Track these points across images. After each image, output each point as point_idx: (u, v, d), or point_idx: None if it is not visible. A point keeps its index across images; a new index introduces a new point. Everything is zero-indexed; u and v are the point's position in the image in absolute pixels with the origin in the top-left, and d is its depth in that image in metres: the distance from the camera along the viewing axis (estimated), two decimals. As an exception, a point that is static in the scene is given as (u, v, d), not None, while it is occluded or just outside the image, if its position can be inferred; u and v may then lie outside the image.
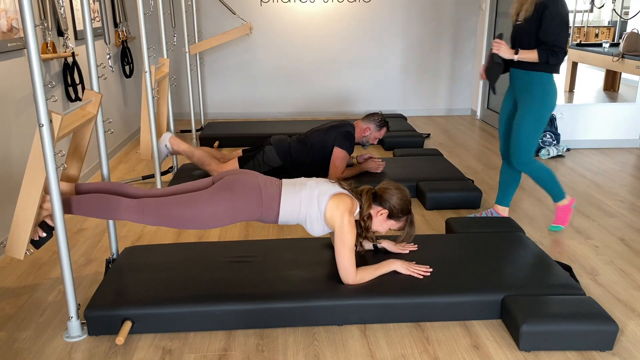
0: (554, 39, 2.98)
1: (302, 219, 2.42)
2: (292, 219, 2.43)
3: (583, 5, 5.31)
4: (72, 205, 2.29)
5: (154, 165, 3.85)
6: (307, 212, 2.39)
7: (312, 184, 2.44)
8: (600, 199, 3.87)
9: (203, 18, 6.33)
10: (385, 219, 2.44)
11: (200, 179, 2.58)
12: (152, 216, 2.30)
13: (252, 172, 2.53)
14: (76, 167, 2.53)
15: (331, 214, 2.35)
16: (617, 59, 5.25)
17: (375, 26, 6.51)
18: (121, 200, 2.31)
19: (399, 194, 2.41)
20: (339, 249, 2.34)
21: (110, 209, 2.30)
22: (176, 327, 2.29)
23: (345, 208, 2.34)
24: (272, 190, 2.41)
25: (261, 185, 2.41)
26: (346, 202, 2.36)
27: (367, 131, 4.00)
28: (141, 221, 2.31)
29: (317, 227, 2.41)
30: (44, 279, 2.77)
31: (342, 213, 2.33)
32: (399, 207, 2.41)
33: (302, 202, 2.39)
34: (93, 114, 2.44)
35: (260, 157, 3.93)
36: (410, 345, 2.22)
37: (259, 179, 2.44)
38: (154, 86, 3.79)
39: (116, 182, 2.53)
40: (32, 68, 1.95)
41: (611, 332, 2.13)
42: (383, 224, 2.46)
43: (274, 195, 2.40)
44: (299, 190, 2.41)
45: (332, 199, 2.36)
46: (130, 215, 2.30)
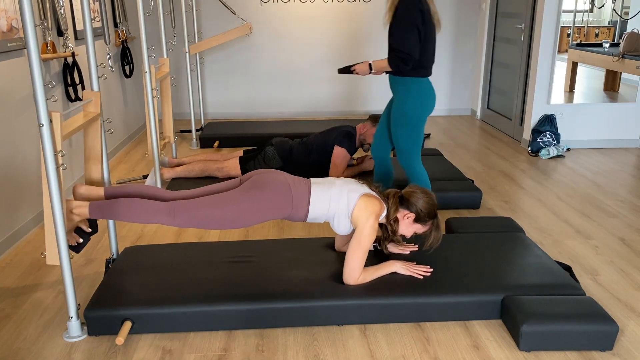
0: (399, 43, 2.90)
1: (331, 216, 2.42)
2: (320, 215, 2.43)
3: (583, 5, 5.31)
4: (103, 209, 2.29)
5: (153, 166, 3.84)
6: (336, 209, 2.39)
7: (341, 183, 2.45)
8: (600, 199, 3.87)
9: (203, 18, 6.33)
10: (412, 222, 2.44)
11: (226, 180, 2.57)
12: (183, 218, 2.30)
13: (280, 171, 2.53)
14: (96, 170, 2.53)
15: (358, 213, 2.35)
16: (617, 59, 5.24)
17: (376, 26, 6.51)
18: (152, 204, 2.31)
19: (425, 197, 2.41)
20: (354, 249, 2.34)
21: (142, 213, 2.30)
22: (176, 327, 2.29)
23: (373, 210, 2.34)
24: (302, 188, 2.41)
25: (290, 184, 2.41)
26: (375, 204, 2.36)
27: (363, 128, 3.99)
28: (172, 223, 2.31)
29: (343, 224, 2.41)
30: (44, 279, 2.77)
31: (368, 215, 2.33)
32: (425, 211, 2.40)
33: (332, 199, 2.39)
34: (96, 113, 2.44)
35: (261, 157, 3.94)
36: (410, 345, 2.22)
37: (287, 178, 2.45)
38: (154, 86, 3.79)
39: (146, 185, 2.53)
40: (32, 68, 1.95)
41: (611, 332, 2.13)
42: (409, 228, 2.46)
43: (304, 194, 2.40)
44: (328, 188, 2.41)
45: (362, 198, 2.36)
46: (161, 218, 2.30)
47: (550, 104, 5.12)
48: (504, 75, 5.93)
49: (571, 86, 5.49)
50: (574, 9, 5.27)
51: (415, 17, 2.87)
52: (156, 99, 3.82)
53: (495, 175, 4.42)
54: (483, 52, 6.38)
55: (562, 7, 4.87)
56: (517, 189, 4.09)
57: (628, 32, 5.20)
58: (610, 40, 5.40)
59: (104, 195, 2.42)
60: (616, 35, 5.36)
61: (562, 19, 4.91)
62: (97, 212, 2.30)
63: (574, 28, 5.29)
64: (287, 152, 3.95)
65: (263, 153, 3.95)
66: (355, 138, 3.95)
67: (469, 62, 6.68)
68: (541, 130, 5.00)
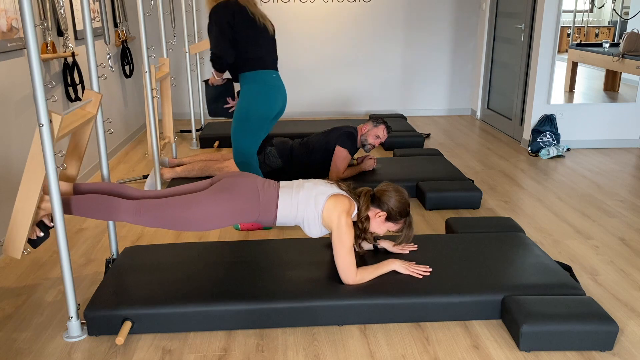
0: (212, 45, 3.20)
1: (300, 221, 2.42)
2: (289, 220, 2.43)
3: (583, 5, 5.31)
4: (70, 205, 2.28)
5: (153, 166, 3.84)
6: (304, 214, 2.39)
7: (309, 185, 2.44)
8: (600, 199, 3.87)
9: (203, 18, 6.33)
10: (384, 221, 2.44)
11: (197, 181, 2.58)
12: (149, 217, 2.30)
13: (250, 174, 2.52)
14: (75, 166, 2.53)
15: (328, 215, 2.35)
16: (617, 59, 5.24)
17: (375, 26, 6.51)
18: (119, 201, 2.30)
19: (397, 196, 2.41)
20: (337, 250, 2.34)
21: (108, 210, 2.29)
22: (176, 327, 2.29)
23: (343, 209, 2.34)
24: (270, 192, 2.41)
25: (259, 187, 2.41)
26: (344, 202, 2.35)
27: (365, 128, 3.99)
28: (138, 222, 2.31)
29: (314, 228, 2.41)
30: (44, 279, 2.77)
31: (339, 214, 2.32)
32: (397, 210, 2.40)
33: (300, 203, 2.39)
34: (93, 114, 2.44)
35: (261, 158, 3.94)
36: (410, 345, 2.22)
37: (257, 181, 2.44)
38: (154, 86, 3.79)
39: (114, 182, 2.52)
40: (32, 68, 1.95)
41: (611, 332, 2.13)
42: (381, 226, 2.46)
43: (272, 197, 2.40)
44: (296, 192, 2.41)
45: (330, 199, 2.36)
46: (127, 216, 2.29)
47: (550, 104, 5.12)
48: (504, 75, 5.93)
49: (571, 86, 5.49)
50: (574, 9, 5.27)
51: (223, 22, 3.13)
52: (156, 99, 3.82)
53: (495, 175, 4.42)
54: (483, 52, 6.38)
55: (562, 7, 4.87)
56: (517, 189, 4.09)
57: (628, 32, 5.20)
58: (610, 40, 5.40)
59: (74, 191, 2.41)
60: (616, 35, 5.36)
61: (562, 19, 4.91)
62: (65, 208, 2.27)
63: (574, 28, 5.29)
64: (288, 153, 3.95)
65: (263, 153, 3.95)
66: (356, 138, 3.95)
67: (469, 62, 6.68)
68: (541, 130, 5.00)
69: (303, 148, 3.97)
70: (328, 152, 3.90)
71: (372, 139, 3.99)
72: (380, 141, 4.02)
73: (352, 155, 3.95)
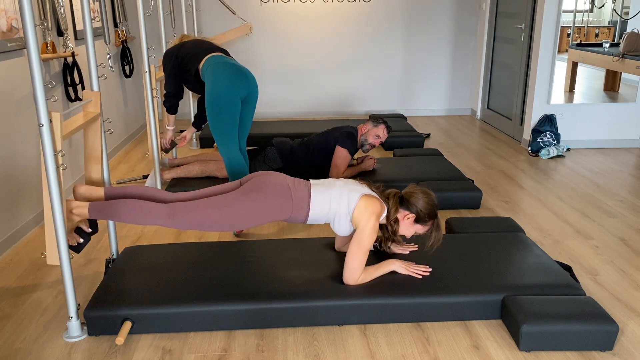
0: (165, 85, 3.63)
1: (331, 217, 2.41)
2: (321, 217, 2.42)
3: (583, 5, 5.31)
4: (103, 210, 2.29)
5: (153, 165, 3.85)
6: (336, 210, 2.39)
7: (341, 184, 2.44)
8: (600, 199, 3.87)
9: (203, 18, 6.33)
10: (412, 223, 2.43)
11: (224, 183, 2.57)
12: (183, 220, 2.30)
13: (280, 173, 2.52)
14: (96, 170, 2.53)
15: (359, 214, 2.34)
16: (617, 59, 5.24)
17: (375, 26, 6.51)
18: (151, 205, 2.30)
19: (425, 198, 2.40)
20: (354, 249, 2.34)
21: (141, 214, 2.29)
22: (176, 327, 2.29)
23: (374, 210, 2.34)
24: (302, 190, 2.41)
25: (290, 186, 2.40)
26: (375, 205, 2.35)
27: (365, 128, 3.99)
28: (172, 225, 2.31)
29: (344, 225, 2.41)
30: (44, 279, 2.77)
31: (369, 215, 2.32)
32: (426, 212, 2.40)
33: (332, 200, 2.38)
34: (96, 113, 2.44)
35: (262, 157, 3.94)
36: (410, 345, 2.22)
37: (287, 180, 2.44)
38: (154, 86, 3.79)
39: (146, 186, 2.52)
40: (32, 68, 1.95)
41: (611, 332, 2.13)
42: (410, 228, 2.45)
43: (304, 195, 2.39)
44: (328, 189, 2.41)
45: (363, 198, 2.36)
46: (161, 220, 2.29)
47: (550, 104, 5.12)
48: (504, 75, 5.93)
49: (571, 86, 5.49)
50: (574, 9, 5.27)
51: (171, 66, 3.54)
52: (156, 99, 3.82)
53: (495, 175, 4.42)
54: (483, 52, 6.38)
55: (562, 7, 4.87)
56: (517, 189, 4.09)
57: (628, 32, 5.19)
58: (610, 40, 5.40)
59: (104, 195, 2.42)
60: (616, 35, 5.36)
61: (562, 19, 4.91)
62: (96, 213, 2.29)
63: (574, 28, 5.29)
64: (288, 153, 3.94)
65: (264, 154, 3.95)
66: (356, 138, 3.94)
67: (469, 62, 6.68)
68: (541, 130, 5.00)
69: (303, 148, 3.96)
70: (328, 152, 3.90)
71: (372, 139, 3.98)
72: (380, 141, 4.01)
73: (352, 155, 3.95)
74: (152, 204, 2.31)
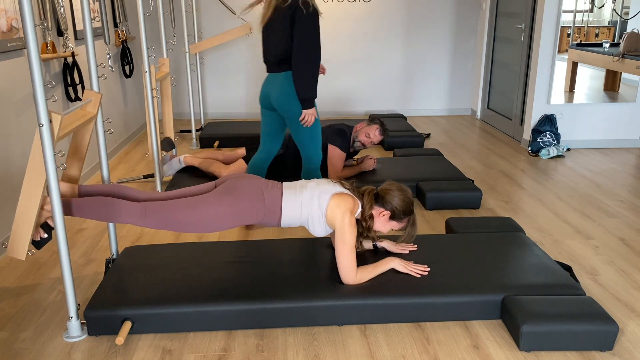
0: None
1: (305, 220, 2.42)
2: (294, 221, 2.43)
3: (583, 5, 5.31)
4: (74, 207, 2.28)
5: (154, 165, 3.85)
6: (308, 213, 2.39)
7: (312, 185, 2.44)
8: (600, 199, 3.87)
9: (203, 18, 6.33)
10: (388, 220, 2.44)
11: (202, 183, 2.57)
12: (154, 219, 2.30)
13: (254, 175, 2.52)
14: (77, 167, 2.53)
15: (332, 213, 2.35)
16: (617, 59, 5.24)
17: (375, 26, 6.51)
18: (123, 204, 2.30)
19: (401, 195, 2.41)
20: (339, 249, 2.34)
21: (113, 212, 2.29)
22: (176, 327, 2.29)
23: (346, 207, 2.34)
24: (274, 194, 2.41)
25: (263, 189, 2.40)
26: (347, 201, 2.35)
27: (359, 126, 3.99)
28: (143, 224, 2.31)
29: (318, 227, 2.41)
30: (44, 279, 2.77)
31: (343, 212, 2.32)
32: (401, 209, 2.40)
33: (304, 203, 2.39)
34: (93, 114, 2.44)
35: None
36: (410, 345, 2.22)
37: (260, 183, 2.44)
38: (154, 86, 3.79)
39: (118, 184, 2.52)
40: (32, 68, 1.94)
41: (611, 332, 2.13)
42: (385, 225, 2.46)
43: (276, 198, 2.39)
44: (299, 192, 2.41)
45: (333, 198, 2.36)
46: (132, 218, 2.29)
47: (550, 104, 5.12)
48: (504, 75, 5.93)
49: (571, 86, 5.49)
50: (574, 9, 5.27)
51: None
52: (156, 99, 3.83)
53: (495, 175, 4.42)
54: (483, 52, 6.37)
55: (562, 7, 4.87)
56: (517, 189, 4.09)
57: (628, 32, 5.19)
58: (610, 40, 5.40)
59: (78, 193, 2.41)
60: (616, 35, 5.36)
61: (562, 19, 4.91)
62: (68, 210, 2.28)
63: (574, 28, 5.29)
64: (286, 141, 3.97)
65: None
66: (347, 135, 3.93)
67: (468, 62, 6.68)
68: (541, 130, 5.00)
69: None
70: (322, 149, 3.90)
71: (363, 137, 3.94)
72: (370, 141, 3.96)
73: (346, 152, 3.93)
74: (124, 202, 2.31)
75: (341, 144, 3.86)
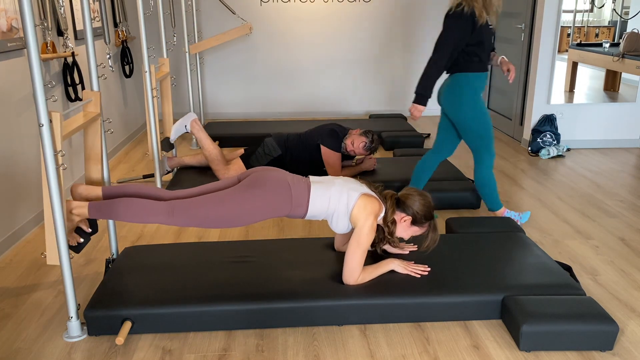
0: None
1: (330, 214, 2.41)
2: (320, 213, 2.42)
3: (583, 5, 5.31)
4: (102, 209, 2.29)
5: (154, 165, 3.85)
6: (335, 208, 2.38)
7: (341, 182, 2.44)
8: (600, 199, 3.87)
9: (203, 18, 6.33)
10: (409, 225, 2.43)
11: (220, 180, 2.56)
12: (182, 217, 2.29)
13: (279, 169, 2.52)
14: (96, 169, 2.53)
15: (357, 213, 2.34)
16: (618, 59, 5.24)
17: (375, 26, 6.51)
18: (151, 203, 2.30)
19: (421, 200, 2.41)
20: (353, 249, 2.34)
21: (141, 212, 2.29)
22: (176, 327, 2.29)
23: (372, 210, 2.34)
24: (301, 187, 2.40)
25: (290, 182, 2.40)
26: (374, 204, 2.35)
27: (355, 131, 3.99)
28: (172, 223, 2.30)
29: (342, 223, 2.41)
30: (44, 279, 2.77)
31: (367, 214, 2.32)
32: (422, 213, 2.40)
33: (332, 198, 2.38)
34: (96, 113, 2.44)
35: (261, 149, 3.96)
36: (410, 345, 2.22)
37: (287, 176, 2.44)
38: (154, 86, 3.79)
39: (143, 184, 2.52)
40: (32, 68, 1.94)
41: (611, 332, 2.13)
42: (407, 230, 2.46)
43: (304, 192, 2.39)
44: (328, 187, 2.41)
45: (362, 197, 2.36)
46: (160, 217, 2.29)
47: (550, 103, 5.12)
48: (504, 75, 5.90)
49: (571, 86, 5.49)
50: (574, 9, 5.27)
51: None
52: (156, 98, 3.82)
53: (495, 175, 4.41)
54: (483, 52, 6.36)
55: (562, 7, 4.87)
56: (517, 189, 4.09)
57: (628, 32, 5.19)
58: (611, 40, 5.40)
59: (102, 195, 2.42)
60: (616, 35, 5.36)
61: (562, 18, 4.91)
62: (96, 212, 2.29)
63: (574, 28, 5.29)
64: (284, 140, 3.99)
65: (262, 145, 3.97)
66: (339, 136, 3.94)
67: (469, 62, 6.66)
68: (541, 130, 5.00)
69: (296, 140, 4.00)
70: (313, 149, 3.91)
71: (348, 143, 3.95)
72: (352, 149, 3.94)
73: (338, 152, 3.93)
74: (150, 202, 2.31)
75: (331, 144, 3.87)
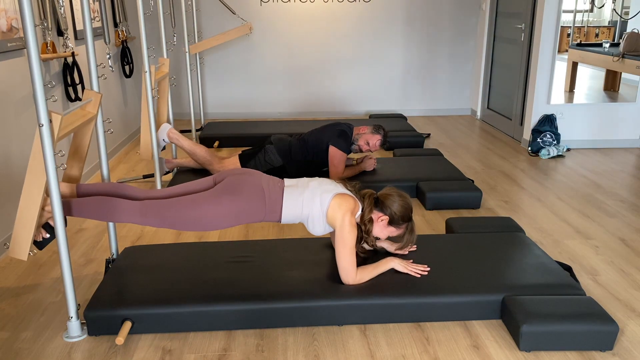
0: None
1: (305, 218, 2.42)
2: (294, 218, 2.43)
3: (583, 5, 5.31)
4: (73, 207, 2.28)
5: (154, 165, 3.85)
6: (309, 212, 2.38)
7: (314, 184, 2.44)
8: (600, 199, 3.87)
9: (203, 18, 6.33)
10: (386, 225, 2.43)
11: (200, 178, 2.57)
12: (154, 218, 2.29)
13: (255, 172, 2.51)
14: (77, 167, 2.53)
15: (333, 213, 2.34)
16: (618, 59, 5.24)
17: (375, 26, 6.51)
18: (123, 203, 2.29)
19: (400, 200, 2.41)
20: (339, 249, 2.34)
21: (112, 212, 2.29)
22: (176, 327, 2.29)
23: (347, 208, 2.34)
24: (275, 192, 2.40)
25: (264, 187, 2.39)
26: (349, 202, 2.35)
27: (362, 130, 3.97)
28: (143, 223, 2.30)
29: (318, 226, 2.41)
30: (44, 279, 2.77)
31: (343, 213, 2.32)
32: (399, 214, 2.40)
33: (305, 202, 2.38)
34: (93, 114, 2.44)
35: (262, 156, 3.93)
36: (410, 345, 2.22)
37: (262, 180, 2.43)
38: (154, 86, 3.79)
39: (117, 183, 2.52)
40: (32, 68, 1.94)
41: (611, 332, 2.13)
42: (384, 230, 2.45)
43: (277, 197, 2.39)
44: (301, 192, 2.41)
45: (335, 198, 2.36)
46: (132, 217, 2.29)
47: (550, 103, 5.12)
48: (504, 75, 5.93)
49: (571, 86, 5.49)
50: (574, 9, 5.27)
51: None
52: (155, 98, 3.83)
53: (495, 175, 4.42)
54: (483, 52, 6.37)
55: (562, 7, 4.87)
56: (517, 189, 4.09)
57: (628, 32, 5.19)
58: (611, 40, 5.40)
59: (77, 193, 2.41)
60: (616, 35, 5.36)
61: (562, 19, 4.91)
62: (68, 210, 2.27)
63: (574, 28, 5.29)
64: (287, 150, 3.94)
65: (263, 152, 3.94)
66: (349, 137, 3.92)
67: (469, 62, 6.68)
68: (541, 130, 5.00)
69: (301, 144, 3.96)
70: (322, 151, 3.89)
71: (363, 143, 3.93)
72: (368, 149, 3.95)
73: (347, 153, 3.93)
74: (124, 201, 2.30)
75: (343, 145, 3.86)
